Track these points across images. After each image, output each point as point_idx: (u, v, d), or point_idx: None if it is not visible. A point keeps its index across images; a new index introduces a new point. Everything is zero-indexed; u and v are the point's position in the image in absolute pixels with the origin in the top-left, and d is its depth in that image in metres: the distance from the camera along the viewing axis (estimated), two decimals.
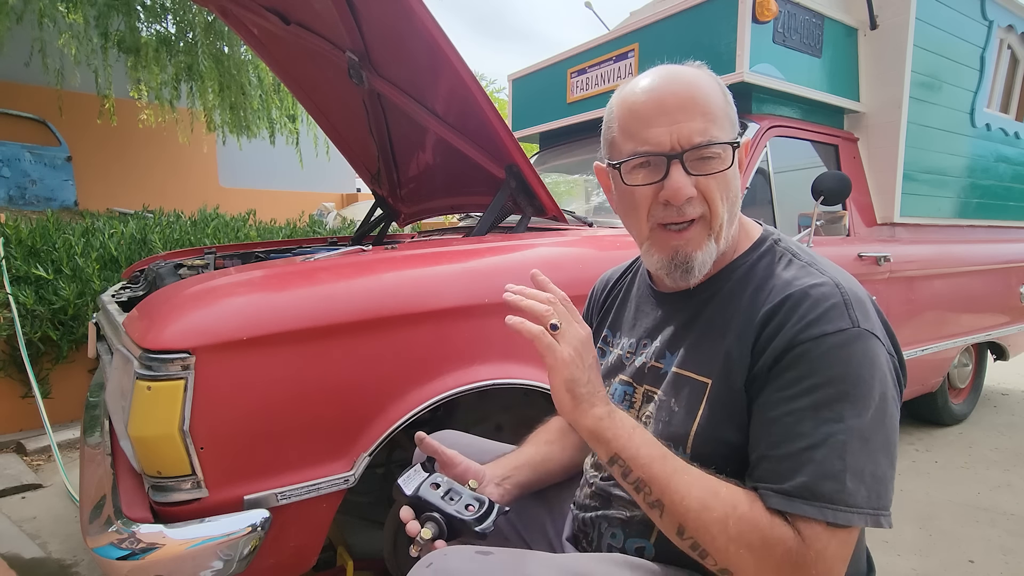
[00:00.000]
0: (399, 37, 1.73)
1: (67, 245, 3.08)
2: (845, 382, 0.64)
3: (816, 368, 0.65)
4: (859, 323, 0.66)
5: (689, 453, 0.74)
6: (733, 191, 0.76)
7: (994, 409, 3.44)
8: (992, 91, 2.95)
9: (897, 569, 1.80)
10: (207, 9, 3.05)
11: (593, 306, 1.05)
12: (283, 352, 1.08)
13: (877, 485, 0.64)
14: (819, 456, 0.63)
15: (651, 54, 2.35)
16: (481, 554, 0.71)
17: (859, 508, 0.62)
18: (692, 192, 0.73)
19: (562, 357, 0.69)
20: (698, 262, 0.76)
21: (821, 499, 0.62)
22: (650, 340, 0.86)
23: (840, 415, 0.64)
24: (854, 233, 2.41)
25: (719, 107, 0.74)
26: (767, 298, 0.72)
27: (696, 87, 0.74)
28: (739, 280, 0.78)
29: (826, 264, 0.75)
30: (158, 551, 0.97)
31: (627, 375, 0.87)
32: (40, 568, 1.81)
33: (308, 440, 1.12)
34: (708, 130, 0.72)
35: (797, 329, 0.67)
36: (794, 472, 0.64)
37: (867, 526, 0.63)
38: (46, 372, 2.86)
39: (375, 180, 2.67)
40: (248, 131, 6.33)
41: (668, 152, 0.72)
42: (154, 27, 5.67)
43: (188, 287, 1.18)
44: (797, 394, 0.66)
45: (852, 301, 0.68)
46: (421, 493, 0.80)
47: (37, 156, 6.08)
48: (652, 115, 0.73)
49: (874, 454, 0.64)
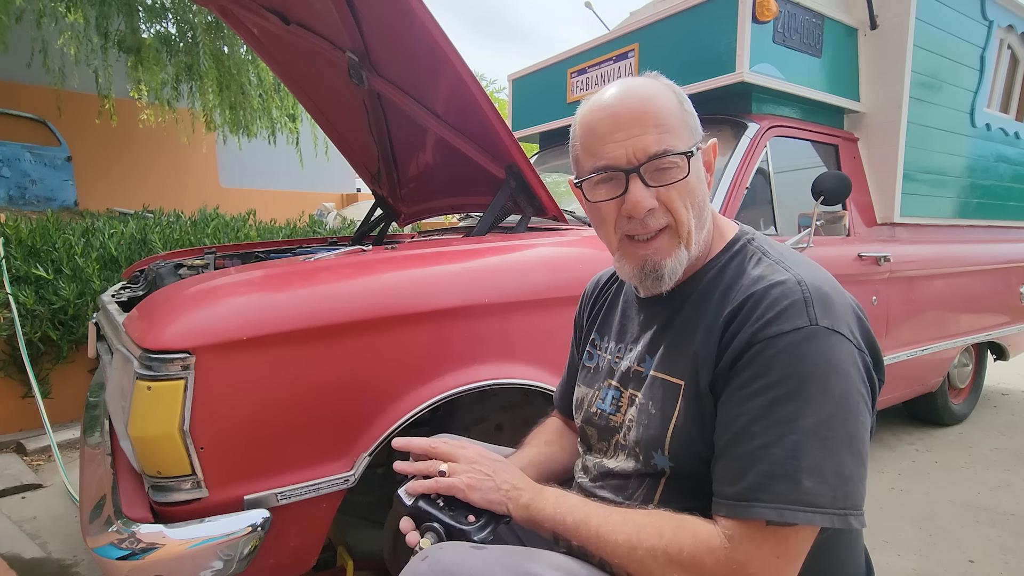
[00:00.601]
0: (399, 37, 1.73)
1: (67, 245, 3.08)
2: (800, 380, 0.64)
3: (771, 367, 0.65)
4: (817, 320, 0.66)
5: (667, 455, 0.75)
6: (698, 197, 0.77)
7: (994, 409, 3.44)
8: (992, 91, 2.95)
9: (897, 569, 1.80)
10: (207, 9, 3.05)
11: (584, 308, 1.05)
12: (283, 352, 1.09)
13: (843, 484, 0.63)
14: (772, 456, 0.63)
15: (651, 54, 2.35)
16: (475, 548, 0.72)
17: (821, 508, 0.62)
18: (652, 204, 0.74)
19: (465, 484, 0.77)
20: (667, 270, 0.77)
21: (774, 499, 0.62)
22: (634, 344, 0.87)
23: (794, 414, 0.63)
24: (854, 233, 2.41)
25: (674, 117, 0.75)
26: (732, 298, 0.73)
27: (649, 99, 0.75)
28: (710, 282, 0.79)
29: (796, 260, 0.75)
30: (158, 551, 0.97)
31: (615, 379, 0.88)
32: (40, 568, 1.81)
33: (308, 440, 1.12)
34: (663, 141, 0.73)
35: (755, 328, 0.68)
36: (747, 471, 0.64)
37: (834, 526, 0.62)
38: (46, 372, 2.86)
39: (375, 180, 2.67)
40: (248, 131, 6.33)
41: (625, 167, 0.74)
42: (154, 27, 5.67)
43: (188, 287, 1.18)
44: (753, 393, 0.66)
45: (813, 298, 0.67)
46: (421, 503, 0.80)
47: (37, 156, 6.09)
48: (607, 131, 0.75)
49: (836, 452, 0.63)
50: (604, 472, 0.86)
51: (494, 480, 0.78)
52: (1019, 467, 2.58)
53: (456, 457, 0.81)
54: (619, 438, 0.84)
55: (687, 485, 0.75)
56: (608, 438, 0.87)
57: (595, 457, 0.89)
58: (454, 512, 0.79)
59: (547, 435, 1.04)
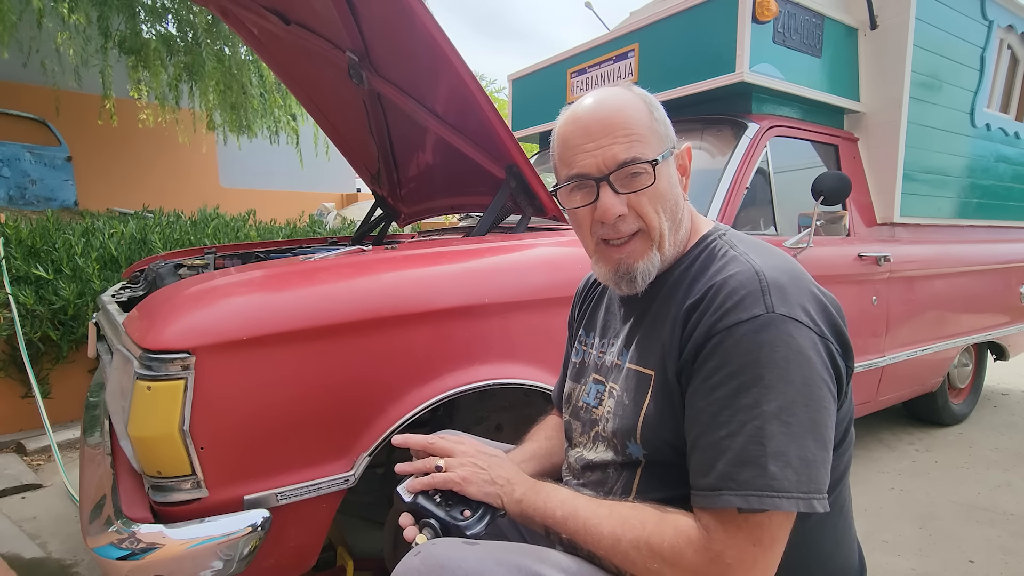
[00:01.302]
0: (399, 37, 1.73)
1: (67, 245, 3.08)
2: (758, 367, 0.65)
3: (730, 356, 0.67)
4: (774, 308, 0.67)
5: (640, 444, 0.77)
6: (670, 200, 0.79)
7: (994, 409, 3.44)
8: (992, 91, 2.95)
9: (897, 569, 1.80)
10: (207, 9, 3.05)
11: (576, 306, 1.08)
12: (283, 352, 1.09)
13: (807, 468, 0.64)
14: (737, 444, 0.65)
15: (651, 54, 2.35)
16: (467, 543, 0.73)
17: (786, 492, 0.62)
18: (622, 210, 0.78)
19: (461, 478, 0.80)
20: (640, 272, 0.80)
21: (742, 487, 0.63)
22: (615, 339, 0.90)
23: (756, 400, 0.64)
24: (854, 233, 2.41)
25: (642, 125, 0.78)
26: (695, 290, 0.75)
27: (618, 109, 0.78)
28: (680, 276, 0.81)
29: (762, 251, 0.76)
30: (158, 551, 0.97)
31: (600, 374, 0.91)
32: (40, 568, 1.81)
33: (308, 440, 1.12)
34: (631, 149, 0.76)
35: (714, 319, 0.69)
36: (715, 461, 0.66)
37: (799, 510, 0.63)
38: (46, 372, 2.86)
39: (375, 180, 2.67)
40: (249, 131, 6.33)
41: (596, 175, 0.78)
42: (155, 27, 5.67)
43: (188, 287, 1.18)
44: (715, 384, 0.68)
45: (770, 287, 0.69)
46: (419, 500, 0.82)
47: (37, 156, 6.08)
48: (579, 141, 0.79)
49: (798, 437, 0.64)
50: (585, 464, 0.88)
51: (489, 474, 0.80)
52: (1019, 467, 2.58)
53: (453, 452, 0.83)
54: (599, 430, 0.87)
55: (663, 473, 0.77)
56: (589, 431, 0.89)
57: (576, 451, 0.92)
58: (450, 508, 0.81)
59: (547, 431, 1.06)
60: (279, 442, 1.09)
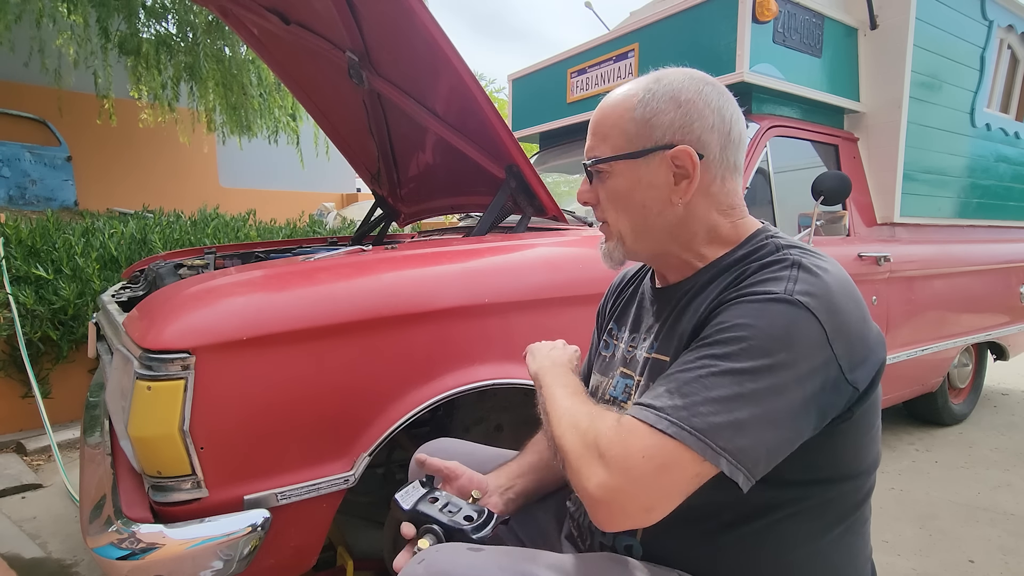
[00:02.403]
0: (399, 37, 1.73)
1: (67, 245, 3.08)
2: (744, 329, 0.64)
3: (728, 318, 0.67)
4: (794, 294, 0.65)
5: None
6: (632, 202, 0.80)
7: (994, 409, 3.44)
8: (992, 91, 2.95)
9: (897, 569, 1.80)
10: (207, 9, 3.05)
11: (609, 298, 1.07)
12: (283, 352, 1.09)
13: (740, 437, 0.61)
14: (684, 378, 0.65)
15: (651, 54, 2.35)
16: (472, 550, 0.72)
17: (703, 435, 0.61)
18: (587, 198, 0.85)
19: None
20: (604, 250, 0.87)
21: (663, 411, 0.64)
22: (648, 333, 0.88)
23: (726, 355, 0.64)
24: (854, 233, 2.41)
25: (612, 124, 0.80)
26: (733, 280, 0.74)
27: (604, 108, 0.82)
28: (719, 271, 0.79)
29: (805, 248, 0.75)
30: (158, 551, 0.97)
31: (628, 367, 0.89)
32: (40, 568, 1.81)
33: (308, 440, 1.12)
34: (594, 148, 0.82)
35: (733, 291, 0.70)
36: (658, 387, 0.67)
37: (705, 458, 0.61)
38: (46, 372, 2.86)
39: (375, 180, 2.67)
40: (249, 131, 6.33)
41: (585, 162, 0.84)
42: (155, 27, 5.67)
43: (188, 287, 1.18)
44: (701, 339, 0.69)
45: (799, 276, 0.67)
46: (419, 507, 0.81)
47: (37, 156, 6.08)
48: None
49: (744, 400, 0.62)
50: None
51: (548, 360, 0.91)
52: (1019, 467, 2.58)
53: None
54: None
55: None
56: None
57: None
58: (452, 514, 0.79)
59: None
60: (279, 442, 1.09)
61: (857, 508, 0.77)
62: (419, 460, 0.94)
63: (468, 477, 0.92)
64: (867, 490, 0.78)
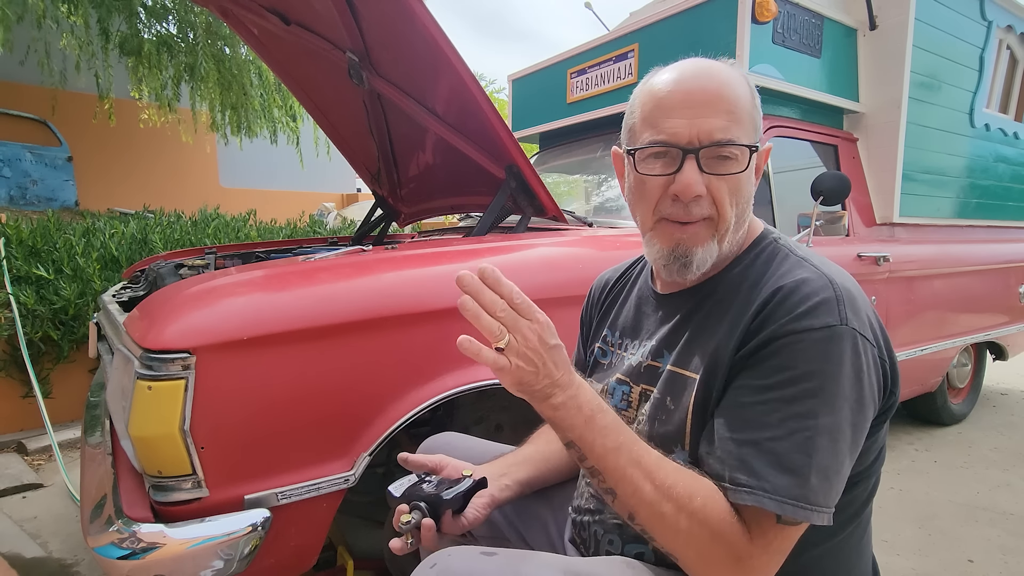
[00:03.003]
0: (399, 37, 1.73)
1: (68, 245, 3.08)
2: (823, 377, 0.63)
3: (796, 360, 0.64)
4: (848, 320, 0.65)
5: (687, 451, 0.74)
6: (745, 195, 0.75)
7: (993, 409, 3.45)
8: (991, 91, 2.95)
9: (897, 569, 1.80)
10: (207, 9, 3.05)
11: (592, 305, 1.05)
12: (283, 352, 1.09)
13: (837, 484, 0.64)
14: (782, 448, 0.63)
15: (651, 54, 2.35)
16: (485, 554, 0.70)
17: (819, 507, 0.62)
18: (702, 190, 0.72)
19: (507, 369, 0.66)
20: (697, 258, 0.75)
21: (780, 493, 0.61)
22: (649, 340, 0.86)
23: (813, 411, 0.63)
24: (853, 233, 2.41)
25: (745, 109, 0.73)
26: (760, 293, 0.71)
27: (726, 85, 0.72)
28: (736, 278, 0.78)
29: (822, 261, 0.75)
30: (159, 551, 0.98)
31: (624, 374, 0.87)
32: (41, 568, 1.81)
33: (308, 440, 1.12)
34: (730, 129, 0.71)
35: (784, 321, 0.66)
36: (754, 460, 0.63)
37: (816, 523, 0.63)
38: (47, 372, 2.86)
39: (375, 180, 2.67)
40: (249, 131, 6.33)
41: (685, 145, 0.72)
42: (155, 28, 5.67)
43: (188, 287, 1.19)
44: (772, 385, 0.65)
45: (844, 297, 0.67)
46: (408, 492, 0.84)
47: (38, 156, 6.09)
48: (675, 106, 0.72)
49: (840, 454, 0.64)
50: None
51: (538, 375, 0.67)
52: (1018, 467, 2.58)
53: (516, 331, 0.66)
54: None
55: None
56: None
57: None
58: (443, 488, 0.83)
59: (550, 433, 1.03)
60: (279, 442, 1.09)
61: (866, 505, 0.79)
62: (401, 459, 0.92)
63: (454, 466, 0.91)
64: (874, 486, 0.79)
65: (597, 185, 2.50)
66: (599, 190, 2.47)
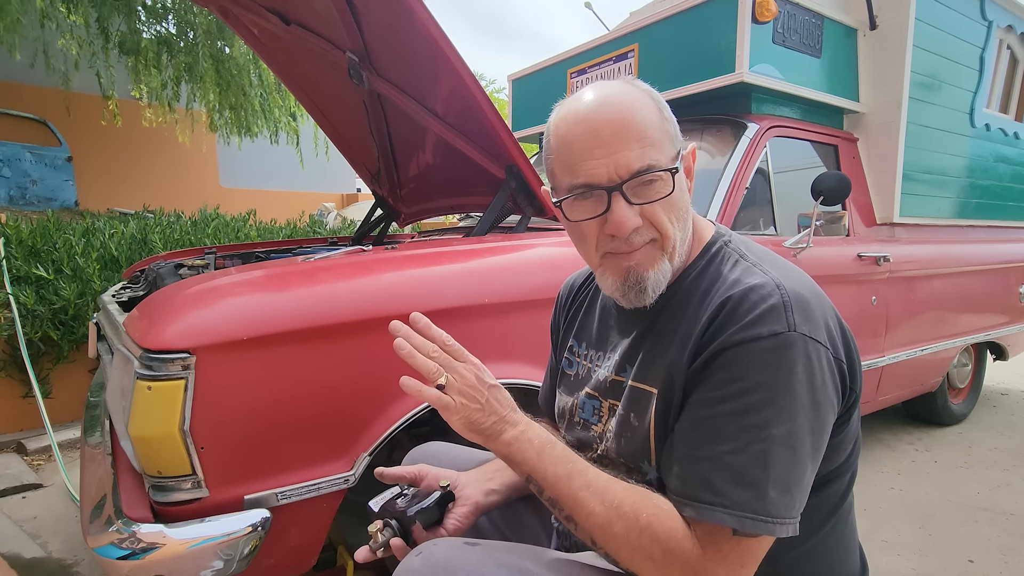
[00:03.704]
0: (399, 37, 1.73)
1: (67, 245, 3.08)
2: (775, 387, 0.63)
3: (746, 371, 0.64)
4: (796, 327, 0.64)
5: (654, 466, 0.74)
6: (682, 208, 0.74)
7: (993, 409, 3.45)
8: (992, 91, 2.95)
9: (897, 569, 1.80)
10: (207, 10, 3.05)
11: (559, 311, 1.04)
12: (283, 352, 1.09)
13: (801, 495, 0.64)
14: (739, 462, 0.62)
15: (651, 54, 2.35)
16: (468, 544, 0.72)
17: (780, 519, 0.61)
18: (637, 223, 0.71)
19: (453, 408, 0.71)
20: (651, 282, 0.74)
21: (738, 508, 0.61)
22: (613, 353, 0.85)
23: (766, 421, 0.62)
24: (854, 233, 2.41)
25: (654, 127, 0.71)
26: (709, 304, 0.70)
27: (629, 111, 0.70)
28: (687, 288, 0.76)
29: (774, 262, 0.74)
30: (158, 551, 0.98)
31: (592, 387, 0.87)
32: (40, 568, 1.81)
33: (308, 440, 1.12)
34: (646, 155, 0.69)
35: (732, 331, 0.65)
36: (711, 474, 0.63)
37: (779, 536, 0.63)
38: (47, 372, 2.86)
39: (375, 180, 2.67)
40: (248, 131, 6.33)
41: (607, 185, 0.70)
42: (155, 28, 5.67)
43: (188, 287, 1.19)
44: (724, 397, 0.64)
45: (792, 303, 0.65)
46: (385, 506, 0.86)
47: (38, 156, 6.09)
48: (586, 147, 0.70)
49: (799, 463, 0.63)
50: None
51: (484, 412, 0.72)
52: (1018, 467, 2.58)
53: (453, 371, 0.73)
54: (600, 448, 0.83)
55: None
56: (587, 448, 0.85)
57: None
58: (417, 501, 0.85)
59: None
60: (279, 442, 1.09)
61: (843, 500, 0.79)
62: (377, 473, 0.91)
63: (434, 475, 0.90)
64: (851, 481, 0.79)
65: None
66: None
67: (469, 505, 0.87)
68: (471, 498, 0.88)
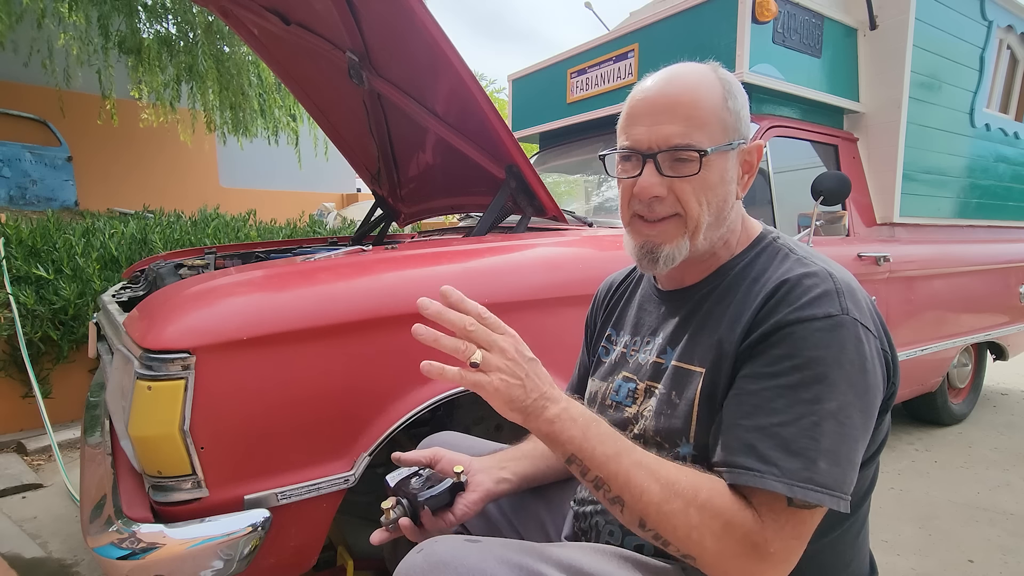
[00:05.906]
0: (399, 37, 1.73)
1: (67, 245, 3.08)
2: (827, 364, 0.65)
3: (800, 348, 0.66)
4: (849, 311, 0.67)
5: (692, 443, 0.75)
6: (718, 194, 0.77)
7: (993, 409, 3.45)
8: (992, 91, 2.95)
9: (897, 569, 1.80)
10: (207, 10, 3.05)
11: (597, 308, 1.06)
12: (283, 352, 1.09)
13: (852, 470, 0.65)
14: (788, 433, 0.64)
15: (651, 54, 2.35)
16: (469, 541, 0.72)
17: (828, 489, 0.63)
18: (659, 192, 0.76)
19: (492, 388, 0.67)
20: (663, 254, 0.79)
21: (789, 476, 0.62)
22: (652, 337, 0.87)
23: (818, 396, 0.64)
24: (854, 233, 2.41)
25: (709, 112, 0.75)
26: (763, 287, 0.74)
27: (689, 90, 0.76)
28: (737, 275, 0.80)
29: (822, 258, 0.77)
30: (158, 551, 0.98)
31: (630, 371, 0.89)
32: (40, 568, 1.81)
33: (308, 440, 1.12)
34: (688, 134, 0.74)
35: (788, 311, 0.69)
36: (760, 444, 0.65)
37: (839, 509, 0.63)
38: (47, 372, 2.86)
39: (375, 180, 2.67)
40: (248, 131, 6.33)
41: (644, 151, 0.76)
42: (155, 27, 5.67)
43: (188, 287, 1.19)
44: (777, 372, 0.67)
45: (844, 290, 0.69)
46: (400, 483, 0.86)
47: (38, 156, 6.09)
48: (640, 114, 0.78)
49: (849, 440, 0.65)
50: None
51: (524, 389, 0.68)
52: (1018, 467, 2.58)
53: (492, 345, 0.70)
54: (635, 429, 0.84)
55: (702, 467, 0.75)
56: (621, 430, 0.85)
57: None
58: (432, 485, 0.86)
59: None
60: (279, 442, 1.09)
61: (864, 499, 0.79)
62: (394, 457, 0.94)
63: (448, 459, 0.92)
64: (873, 478, 0.80)
65: (597, 185, 2.50)
66: (599, 190, 2.47)
67: (479, 492, 0.89)
68: (482, 484, 0.89)
